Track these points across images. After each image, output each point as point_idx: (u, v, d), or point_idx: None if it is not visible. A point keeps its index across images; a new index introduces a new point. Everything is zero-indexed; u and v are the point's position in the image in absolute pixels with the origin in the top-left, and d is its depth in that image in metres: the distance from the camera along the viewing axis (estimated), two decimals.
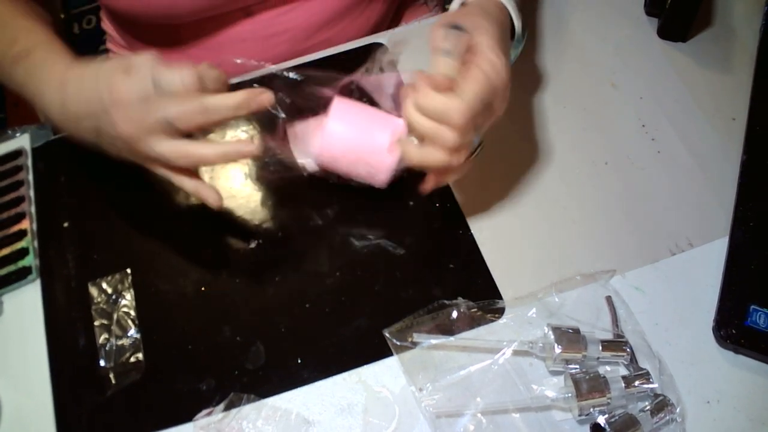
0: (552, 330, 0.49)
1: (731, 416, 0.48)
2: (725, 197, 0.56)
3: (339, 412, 0.49)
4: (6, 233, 0.57)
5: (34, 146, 0.62)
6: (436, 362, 0.50)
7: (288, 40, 0.67)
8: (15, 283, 0.55)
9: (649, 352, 0.49)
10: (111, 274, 0.55)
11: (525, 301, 0.52)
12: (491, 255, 0.55)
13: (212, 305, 0.54)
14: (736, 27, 0.66)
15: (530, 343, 0.49)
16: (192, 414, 0.49)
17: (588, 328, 0.50)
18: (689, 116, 0.61)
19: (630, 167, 0.59)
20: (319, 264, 0.55)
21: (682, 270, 0.54)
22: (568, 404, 0.48)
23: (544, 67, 0.65)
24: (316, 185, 0.59)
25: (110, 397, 0.50)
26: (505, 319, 0.52)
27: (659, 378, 0.48)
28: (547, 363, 0.50)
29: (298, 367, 0.51)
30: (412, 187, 0.58)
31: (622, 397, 0.47)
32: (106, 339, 0.53)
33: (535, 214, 0.57)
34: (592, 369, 0.48)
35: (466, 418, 0.48)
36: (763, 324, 0.50)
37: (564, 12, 0.68)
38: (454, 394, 0.49)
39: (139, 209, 0.59)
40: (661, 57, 0.65)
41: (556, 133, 0.61)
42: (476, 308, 0.52)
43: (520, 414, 0.48)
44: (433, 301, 0.52)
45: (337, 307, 0.53)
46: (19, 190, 0.59)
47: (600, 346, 0.48)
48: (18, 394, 0.51)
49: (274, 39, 0.67)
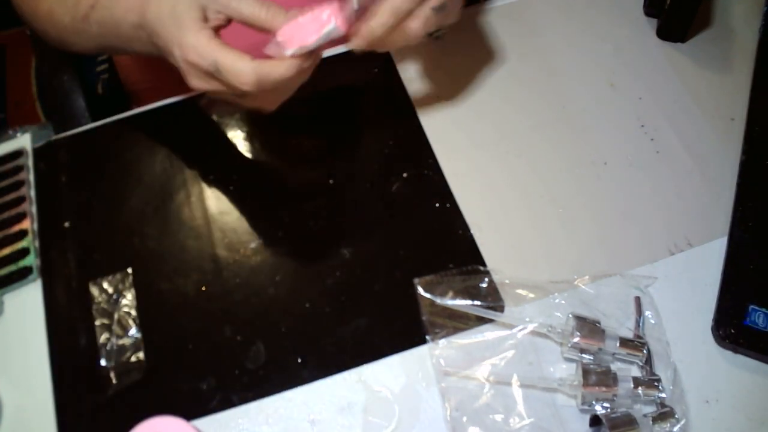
0: (574, 318, 0.49)
1: (730, 416, 0.48)
2: (724, 197, 0.56)
3: (339, 412, 0.49)
4: (7, 233, 0.57)
5: (35, 146, 0.62)
6: (456, 321, 0.51)
7: None
8: (16, 282, 0.55)
9: (668, 362, 0.49)
10: (112, 273, 0.55)
11: (558, 287, 0.53)
12: (491, 255, 0.55)
13: (212, 305, 0.54)
14: (736, 27, 0.66)
15: (550, 326, 0.50)
16: (192, 413, 0.49)
17: (615, 324, 0.51)
18: (688, 116, 0.61)
19: (629, 167, 0.59)
20: (319, 264, 0.55)
21: (681, 270, 0.54)
22: (573, 391, 0.48)
23: (543, 67, 0.65)
24: (316, 185, 0.59)
25: (111, 396, 0.51)
26: (532, 299, 0.53)
27: (670, 389, 0.48)
28: (562, 348, 0.50)
29: (298, 367, 0.51)
30: (412, 187, 0.59)
31: (629, 396, 0.47)
32: (106, 338, 0.53)
33: (534, 214, 0.57)
34: (605, 363, 0.49)
35: (473, 381, 0.49)
36: (762, 323, 0.50)
37: (563, 12, 0.68)
38: (466, 354, 0.50)
39: (139, 209, 0.59)
40: (661, 57, 0.65)
41: (555, 133, 0.61)
42: (508, 282, 0.53)
43: (524, 389, 0.49)
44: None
45: (337, 307, 0.53)
46: (20, 190, 0.59)
47: (618, 342, 0.49)
48: (19, 394, 0.51)
49: None
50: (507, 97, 0.63)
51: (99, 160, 0.62)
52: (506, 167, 0.59)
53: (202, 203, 0.59)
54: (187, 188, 0.59)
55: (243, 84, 0.46)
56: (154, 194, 0.59)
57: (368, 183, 0.59)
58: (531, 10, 0.68)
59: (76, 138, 0.63)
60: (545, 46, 0.66)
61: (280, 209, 0.58)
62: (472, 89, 0.64)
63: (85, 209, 0.59)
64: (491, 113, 0.62)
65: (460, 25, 0.67)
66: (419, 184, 0.58)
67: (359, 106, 0.64)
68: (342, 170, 0.60)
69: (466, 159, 0.60)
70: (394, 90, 0.63)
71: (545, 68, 0.65)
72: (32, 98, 0.81)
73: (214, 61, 0.46)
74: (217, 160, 0.61)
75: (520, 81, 0.64)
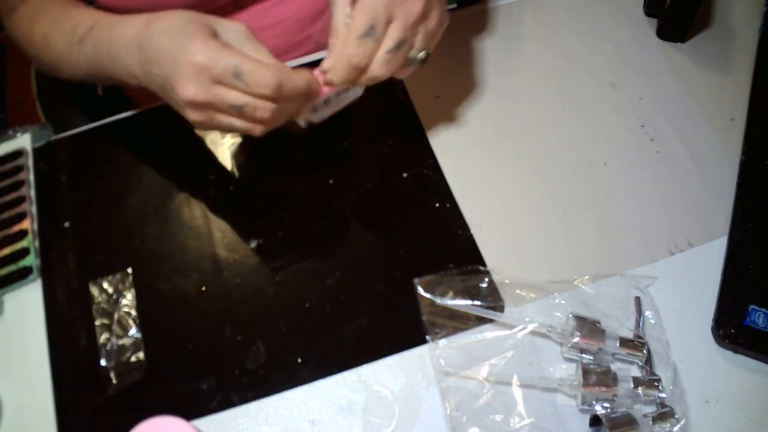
0: (574, 318, 0.49)
1: (730, 416, 0.48)
2: (724, 197, 0.56)
3: (339, 412, 0.49)
4: (7, 233, 0.57)
5: (35, 146, 0.62)
6: (456, 321, 0.51)
7: (281, 32, 0.67)
8: (16, 282, 0.55)
9: (668, 362, 0.49)
10: (112, 273, 0.55)
11: (558, 287, 0.53)
12: (491, 255, 0.55)
13: (212, 305, 0.54)
14: (736, 27, 0.66)
15: (550, 326, 0.50)
16: (192, 413, 0.49)
17: (615, 324, 0.51)
18: (688, 116, 0.61)
19: (629, 167, 0.59)
20: (319, 264, 0.55)
21: (681, 270, 0.54)
22: (573, 391, 0.48)
23: (543, 67, 0.65)
24: (316, 186, 0.59)
25: (111, 396, 0.51)
26: (532, 299, 0.53)
27: (671, 390, 0.48)
28: (562, 349, 0.50)
29: (298, 367, 0.51)
30: (412, 187, 0.59)
31: (629, 396, 0.47)
32: (107, 338, 0.53)
33: (534, 214, 0.57)
34: (605, 363, 0.49)
35: (472, 381, 0.49)
36: (761, 323, 0.50)
37: (563, 12, 0.68)
38: (466, 354, 0.50)
39: (139, 209, 0.59)
40: (661, 57, 0.65)
41: (555, 133, 0.61)
42: (508, 282, 0.53)
43: (524, 389, 0.49)
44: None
45: (337, 307, 0.53)
46: (20, 190, 0.59)
47: (618, 342, 0.49)
48: (19, 394, 0.51)
49: (267, 32, 0.67)
50: (507, 97, 0.63)
51: (99, 160, 0.62)
52: (506, 167, 0.59)
53: (202, 203, 0.59)
54: (187, 188, 0.59)
55: (263, 86, 0.45)
56: (154, 194, 0.59)
57: (368, 183, 0.59)
58: (531, 10, 0.68)
59: (76, 138, 0.63)
60: (545, 46, 0.66)
61: (280, 209, 0.58)
62: (472, 89, 0.64)
63: (85, 209, 0.59)
64: (491, 113, 0.62)
65: (461, 25, 0.68)
66: (419, 184, 0.59)
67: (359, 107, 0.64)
68: (342, 170, 0.60)
69: (466, 159, 0.60)
70: (395, 90, 0.63)
71: (545, 68, 0.65)
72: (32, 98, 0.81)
73: (235, 63, 0.44)
74: (217, 160, 0.61)
75: (520, 81, 0.64)
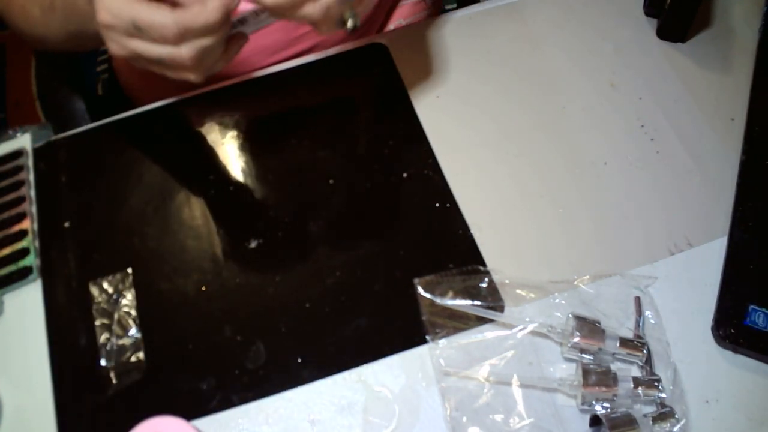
0: (574, 318, 0.49)
1: (730, 416, 0.48)
2: (724, 197, 0.56)
3: (339, 411, 0.49)
4: (7, 233, 0.57)
5: (35, 146, 0.62)
6: (456, 321, 0.52)
7: (279, 28, 0.67)
8: (16, 282, 0.55)
9: (668, 362, 0.49)
10: (112, 273, 0.55)
11: (558, 287, 0.53)
12: (491, 255, 0.55)
13: (212, 305, 0.54)
14: (736, 27, 0.66)
15: (550, 326, 0.50)
16: (192, 413, 0.49)
17: (615, 324, 0.51)
18: (688, 116, 0.61)
19: (629, 167, 0.59)
20: (319, 264, 0.55)
21: (681, 270, 0.54)
22: (573, 391, 0.48)
23: (543, 67, 0.65)
24: (316, 185, 0.59)
25: (111, 396, 0.51)
26: (532, 299, 0.53)
27: (671, 390, 0.48)
28: (562, 349, 0.50)
29: (298, 367, 0.51)
30: (412, 187, 0.59)
31: (629, 396, 0.47)
32: (107, 338, 0.53)
33: (534, 214, 0.57)
34: (605, 363, 0.49)
35: (472, 381, 0.49)
36: (762, 323, 0.50)
37: (563, 12, 0.68)
38: (466, 354, 0.50)
39: (139, 209, 0.59)
40: (661, 57, 0.65)
41: (554, 133, 0.61)
42: (508, 282, 0.53)
43: (524, 389, 0.49)
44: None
45: (337, 307, 0.53)
46: (20, 190, 0.59)
47: (618, 342, 0.49)
48: (19, 394, 0.51)
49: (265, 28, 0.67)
50: (507, 97, 0.63)
51: (99, 160, 0.62)
52: (506, 167, 0.59)
53: (202, 203, 0.59)
54: (187, 188, 0.59)
55: (166, 38, 0.42)
56: (154, 194, 0.59)
57: (368, 183, 0.59)
58: (531, 10, 0.68)
59: (76, 138, 0.63)
60: (545, 46, 0.66)
61: (280, 209, 0.58)
62: (473, 89, 0.64)
63: (85, 209, 0.59)
64: (491, 113, 0.62)
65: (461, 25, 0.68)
66: (419, 184, 0.59)
67: (359, 106, 0.64)
68: (342, 170, 0.60)
69: (466, 159, 0.60)
70: (394, 90, 0.63)
71: (545, 68, 0.65)
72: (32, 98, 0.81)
73: (132, 18, 0.42)
74: (217, 160, 0.61)
75: (520, 81, 0.64)
